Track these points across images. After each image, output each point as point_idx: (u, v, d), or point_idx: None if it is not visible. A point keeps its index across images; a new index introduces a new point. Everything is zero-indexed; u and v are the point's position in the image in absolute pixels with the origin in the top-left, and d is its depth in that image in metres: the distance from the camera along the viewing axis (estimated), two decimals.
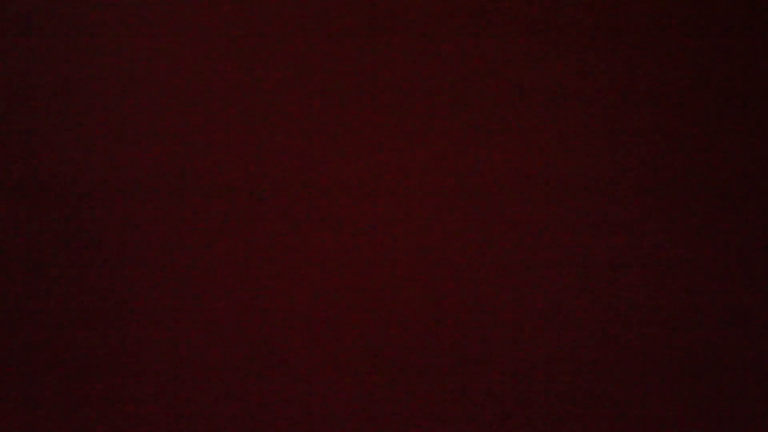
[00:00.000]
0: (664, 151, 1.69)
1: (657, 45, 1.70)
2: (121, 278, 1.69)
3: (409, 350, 1.68)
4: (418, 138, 1.70)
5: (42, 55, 1.72)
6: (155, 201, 1.70)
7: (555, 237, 1.68)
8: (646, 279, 1.68)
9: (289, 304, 1.69)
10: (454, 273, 1.68)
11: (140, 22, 1.72)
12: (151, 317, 1.69)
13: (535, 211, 1.69)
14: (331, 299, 1.69)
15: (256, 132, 1.71)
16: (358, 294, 1.68)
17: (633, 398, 1.66)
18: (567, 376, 1.67)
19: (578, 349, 1.67)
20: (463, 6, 1.71)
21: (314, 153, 1.70)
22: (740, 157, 1.69)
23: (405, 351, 1.68)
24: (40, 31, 1.72)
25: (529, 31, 1.70)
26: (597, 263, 1.68)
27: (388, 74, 1.71)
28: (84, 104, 1.72)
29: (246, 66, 1.71)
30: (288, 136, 1.71)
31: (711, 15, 1.70)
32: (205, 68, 1.71)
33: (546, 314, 1.68)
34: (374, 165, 1.70)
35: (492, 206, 1.69)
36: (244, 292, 1.69)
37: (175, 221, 1.70)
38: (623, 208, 1.68)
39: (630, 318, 1.67)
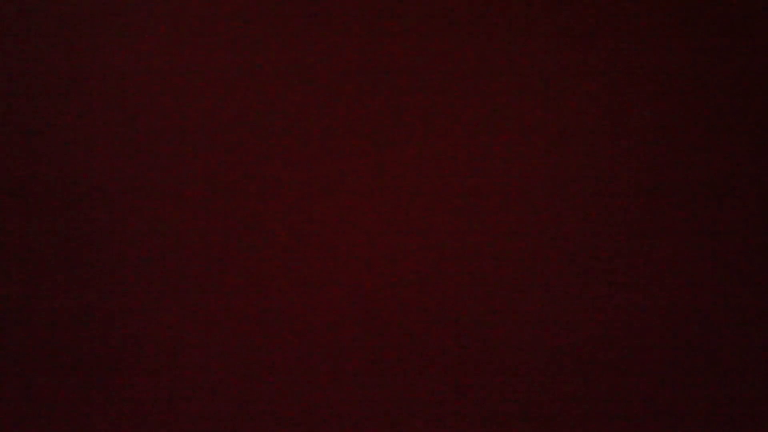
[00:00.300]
0: (664, 151, 1.69)
1: (657, 45, 1.70)
2: (121, 278, 1.69)
3: (409, 350, 1.68)
4: (418, 138, 1.70)
5: (42, 55, 1.72)
6: (155, 201, 1.70)
7: (555, 237, 1.68)
8: (646, 279, 1.67)
9: (290, 304, 1.69)
10: (454, 273, 1.68)
11: (140, 21, 1.72)
12: (151, 317, 1.69)
13: (535, 211, 1.69)
14: (332, 299, 1.69)
15: (256, 132, 1.71)
16: (358, 294, 1.68)
17: (633, 398, 1.66)
18: (567, 376, 1.67)
19: (578, 349, 1.67)
20: (464, 6, 1.71)
21: (314, 153, 1.70)
22: (740, 157, 1.69)
23: (405, 351, 1.68)
24: (40, 31, 1.72)
25: (529, 31, 1.70)
26: (597, 263, 1.68)
27: (389, 74, 1.71)
28: (84, 104, 1.72)
29: (246, 66, 1.71)
30: (288, 136, 1.71)
31: (711, 15, 1.70)
32: (205, 68, 1.71)
33: (546, 314, 1.68)
34: (374, 165, 1.70)
35: (492, 206, 1.69)
36: (245, 292, 1.69)
37: (176, 221, 1.70)
38: (623, 208, 1.68)
39: (630, 318, 1.67)
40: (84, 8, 1.72)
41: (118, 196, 1.70)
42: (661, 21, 1.70)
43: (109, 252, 1.69)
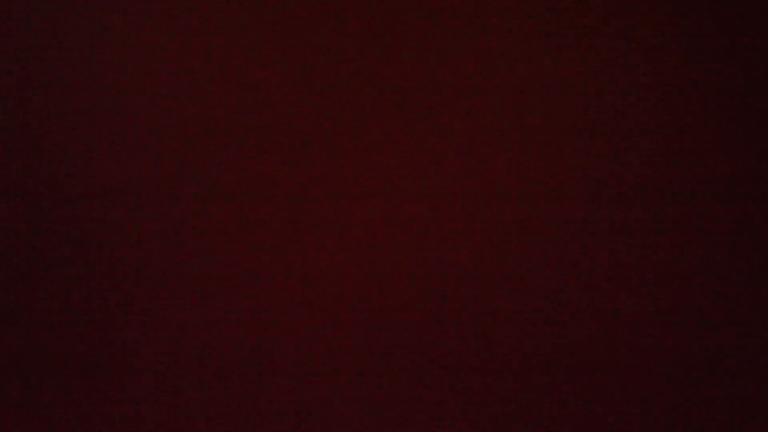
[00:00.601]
0: (664, 151, 1.69)
1: (657, 45, 1.70)
2: (121, 278, 1.69)
3: (409, 351, 1.68)
4: (418, 138, 1.70)
5: (42, 54, 1.72)
6: (155, 201, 1.70)
7: (555, 237, 1.68)
8: (646, 279, 1.67)
9: (290, 305, 1.69)
10: (454, 274, 1.68)
11: (140, 21, 1.72)
12: (151, 317, 1.69)
13: (535, 211, 1.69)
14: (331, 300, 1.69)
15: (256, 133, 1.71)
16: (358, 295, 1.68)
17: (633, 398, 1.66)
18: (567, 376, 1.67)
19: (578, 349, 1.67)
20: (464, 6, 1.71)
21: (314, 153, 1.70)
22: (740, 157, 1.68)
23: (405, 352, 1.68)
24: (40, 31, 1.72)
25: (529, 31, 1.70)
26: (597, 263, 1.68)
27: (389, 74, 1.71)
28: (84, 104, 1.72)
29: (246, 66, 1.71)
30: (288, 137, 1.71)
31: (712, 15, 1.70)
32: (205, 68, 1.71)
33: (546, 314, 1.68)
34: (374, 165, 1.70)
35: (492, 206, 1.69)
36: (244, 293, 1.69)
37: (175, 222, 1.70)
38: (623, 209, 1.68)
39: (630, 318, 1.67)
40: (84, 8, 1.72)
41: (118, 196, 1.70)
42: (661, 21, 1.70)
43: (109, 252, 1.69)
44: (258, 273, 1.69)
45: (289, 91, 1.71)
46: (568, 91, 1.69)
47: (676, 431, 1.66)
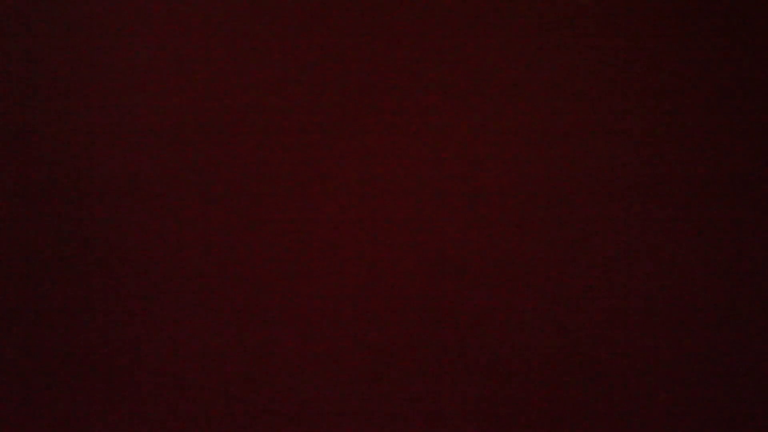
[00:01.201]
0: (663, 151, 1.69)
1: (657, 44, 1.70)
2: (122, 278, 1.69)
3: (409, 350, 1.68)
4: (418, 138, 1.70)
5: (42, 54, 1.72)
6: (156, 201, 1.70)
7: (555, 236, 1.68)
8: (646, 278, 1.67)
9: (290, 304, 1.69)
10: (454, 272, 1.68)
11: (140, 21, 1.72)
12: (151, 317, 1.69)
13: (535, 210, 1.69)
14: (331, 299, 1.69)
15: (256, 132, 1.71)
16: (358, 294, 1.69)
17: (633, 398, 1.66)
18: (566, 376, 1.67)
19: (578, 349, 1.67)
20: (464, 6, 1.71)
21: (314, 153, 1.70)
22: (740, 157, 1.68)
23: (405, 351, 1.68)
24: (40, 31, 1.72)
25: (529, 31, 1.70)
26: (597, 262, 1.68)
27: (389, 74, 1.71)
28: (84, 104, 1.72)
29: (246, 66, 1.71)
30: (288, 136, 1.71)
31: (711, 14, 1.70)
32: (205, 68, 1.71)
33: (546, 313, 1.68)
34: (374, 164, 1.70)
35: (492, 205, 1.69)
36: (245, 292, 1.69)
37: (176, 221, 1.70)
38: (623, 208, 1.68)
39: (630, 317, 1.67)
40: (84, 8, 1.72)
41: (118, 196, 1.70)
42: (661, 20, 1.70)
43: (109, 252, 1.70)
44: (258, 272, 1.69)
45: (289, 91, 1.71)
46: (568, 91, 1.69)
47: (676, 431, 1.66)
